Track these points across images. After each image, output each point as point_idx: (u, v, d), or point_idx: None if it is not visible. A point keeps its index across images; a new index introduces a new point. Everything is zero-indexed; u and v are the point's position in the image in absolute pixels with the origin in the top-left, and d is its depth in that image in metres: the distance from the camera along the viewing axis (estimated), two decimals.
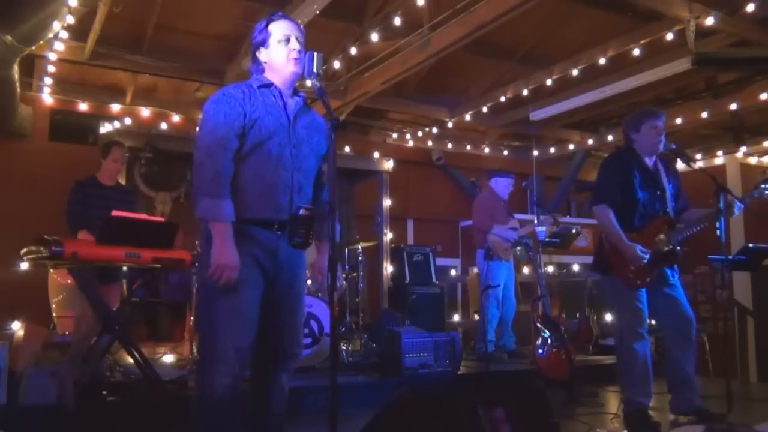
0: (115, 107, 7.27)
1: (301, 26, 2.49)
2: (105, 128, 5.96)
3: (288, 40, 2.39)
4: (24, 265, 5.72)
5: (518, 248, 5.65)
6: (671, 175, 3.68)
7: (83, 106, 7.12)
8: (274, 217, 2.32)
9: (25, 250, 3.71)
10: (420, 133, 8.83)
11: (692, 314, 3.53)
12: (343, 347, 5.20)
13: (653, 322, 3.80)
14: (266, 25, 2.41)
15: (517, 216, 6.24)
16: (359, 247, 5.82)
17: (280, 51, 2.38)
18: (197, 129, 2.33)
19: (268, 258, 2.33)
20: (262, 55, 2.42)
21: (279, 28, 2.40)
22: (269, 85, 2.40)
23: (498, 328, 5.78)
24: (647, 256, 3.41)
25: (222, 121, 2.25)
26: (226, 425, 2.23)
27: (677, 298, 3.53)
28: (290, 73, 2.39)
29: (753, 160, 8.73)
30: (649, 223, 3.53)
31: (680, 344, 3.51)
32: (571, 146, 9.23)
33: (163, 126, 7.30)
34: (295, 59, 2.38)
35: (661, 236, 3.48)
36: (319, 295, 4.94)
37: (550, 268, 7.87)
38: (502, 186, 5.99)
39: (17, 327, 4.78)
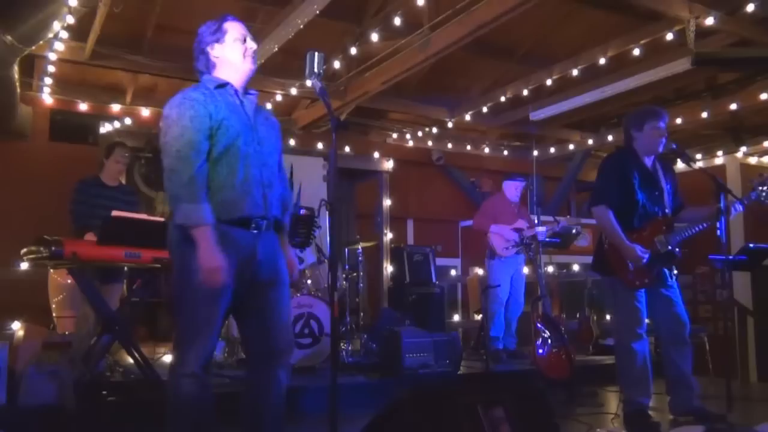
0: (115, 107, 7.26)
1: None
2: (105, 128, 5.97)
3: (245, 40, 2.45)
4: (24, 265, 5.72)
5: (518, 248, 5.66)
6: (668, 175, 3.68)
7: (83, 106, 7.12)
8: (252, 214, 2.32)
9: (25, 250, 3.71)
10: (420, 133, 8.83)
11: (687, 316, 3.55)
12: (343, 347, 5.19)
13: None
14: (221, 24, 2.47)
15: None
16: (359, 247, 5.82)
17: (236, 48, 2.43)
18: (162, 135, 2.26)
19: (245, 260, 2.32)
20: (215, 50, 2.42)
21: (235, 29, 2.46)
22: (225, 85, 2.40)
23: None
24: (647, 256, 3.41)
25: (189, 125, 2.22)
26: (196, 420, 2.26)
27: (673, 300, 3.53)
28: (249, 69, 2.45)
29: (753, 160, 8.71)
30: (648, 224, 3.53)
31: (675, 345, 3.52)
32: (571, 146, 9.23)
33: None
34: (253, 57, 2.46)
35: (660, 237, 3.48)
36: (319, 295, 4.95)
37: (550, 268, 7.86)
38: (511, 189, 6.03)
39: (17, 327, 4.78)
